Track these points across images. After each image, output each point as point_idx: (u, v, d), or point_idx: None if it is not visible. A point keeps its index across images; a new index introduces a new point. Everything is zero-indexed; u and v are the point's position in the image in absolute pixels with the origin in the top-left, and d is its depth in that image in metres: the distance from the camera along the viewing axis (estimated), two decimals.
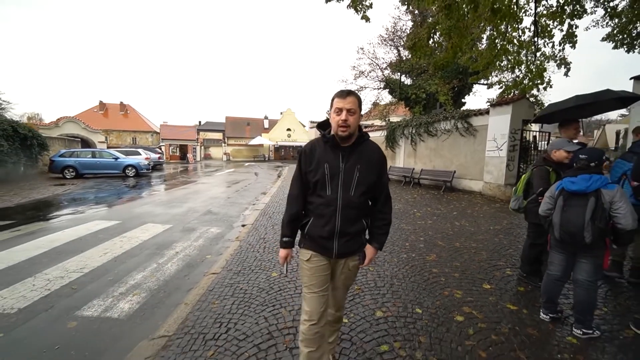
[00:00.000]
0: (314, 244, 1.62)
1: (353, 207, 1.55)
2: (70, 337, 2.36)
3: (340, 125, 1.47)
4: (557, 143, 2.91)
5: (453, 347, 2.12)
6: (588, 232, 2.00)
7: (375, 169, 1.58)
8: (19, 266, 3.61)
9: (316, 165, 1.56)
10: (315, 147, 1.61)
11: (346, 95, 1.49)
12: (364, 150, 1.58)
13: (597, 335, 2.20)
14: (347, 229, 1.56)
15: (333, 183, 1.54)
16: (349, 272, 1.68)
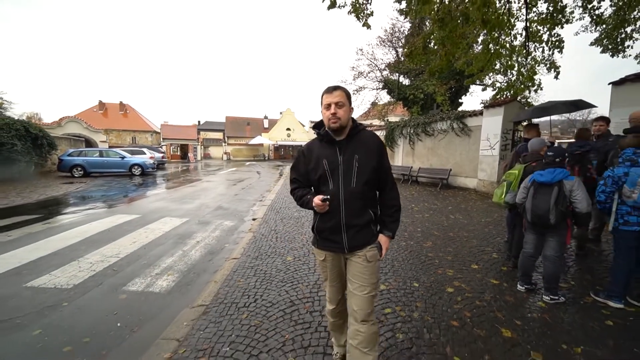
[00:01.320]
0: (325, 241, 1.65)
1: (357, 197, 1.55)
2: (124, 305, 2.82)
3: (331, 119, 1.52)
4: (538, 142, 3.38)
5: (444, 310, 2.59)
6: (552, 215, 2.48)
7: (373, 155, 1.58)
8: (61, 252, 4.05)
9: (315, 162, 1.61)
10: (313, 147, 1.66)
11: (333, 90, 1.54)
12: (360, 139, 1.60)
13: (562, 300, 2.68)
14: (353, 220, 1.56)
15: (334, 176, 1.56)
16: (367, 266, 1.60)
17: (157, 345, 2.21)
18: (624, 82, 5.60)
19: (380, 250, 1.63)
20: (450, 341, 2.17)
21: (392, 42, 21.30)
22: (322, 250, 1.68)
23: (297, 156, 1.76)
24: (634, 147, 2.49)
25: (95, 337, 2.33)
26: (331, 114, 1.51)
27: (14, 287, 3.06)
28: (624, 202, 2.46)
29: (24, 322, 2.49)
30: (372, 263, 1.60)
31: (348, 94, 1.59)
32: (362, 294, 1.58)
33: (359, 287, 1.59)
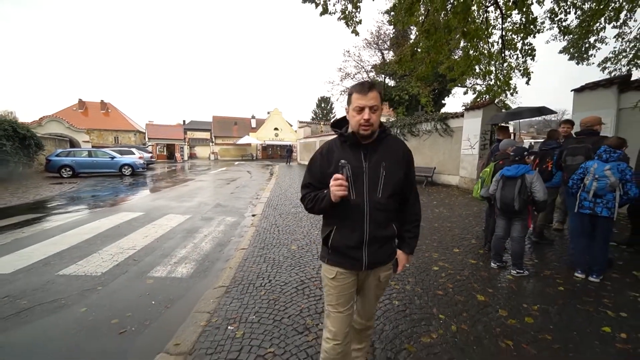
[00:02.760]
0: (341, 257, 1.45)
1: (381, 209, 1.40)
2: (152, 288, 3.18)
3: (363, 125, 1.34)
4: (506, 143, 3.97)
5: (430, 283, 3.10)
6: (517, 202, 3.04)
7: (401, 165, 1.43)
8: (80, 246, 4.33)
9: (336, 167, 1.39)
10: (333, 148, 1.47)
11: (368, 91, 1.33)
12: (388, 146, 1.44)
13: (526, 274, 3.25)
14: (377, 234, 1.41)
15: (357, 185, 1.38)
16: (379, 283, 1.52)
17: (192, 317, 2.61)
18: (583, 90, 6.34)
19: (396, 268, 1.54)
20: (436, 305, 2.68)
21: (378, 44, 22.02)
22: (333, 266, 1.47)
23: (313, 157, 1.53)
24: (606, 146, 3.00)
25: (135, 312, 2.71)
26: (364, 119, 1.32)
27: (48, 275, 3.36)
28: (584, 189, 3.02)
29: (69, 303, 2.82)
30: (384, 282, 1.53)
31: (382, 94, 1.54)
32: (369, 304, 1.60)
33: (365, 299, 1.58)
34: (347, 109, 1.41)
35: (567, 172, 3.65)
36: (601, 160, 2.99)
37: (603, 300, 2.72)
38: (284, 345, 2.15)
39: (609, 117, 5.84)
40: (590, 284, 3.04)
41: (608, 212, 2.93)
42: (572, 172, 3.44)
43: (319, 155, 1.50)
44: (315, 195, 1.43)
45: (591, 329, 2.31)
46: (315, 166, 1.50)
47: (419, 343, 2.15)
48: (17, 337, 2.31)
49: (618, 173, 2.87)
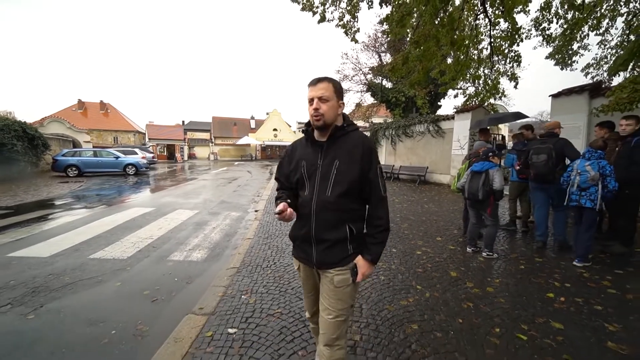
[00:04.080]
0: (297, 250, 1.53)
1: (330, 209, 1.35)
2: (173, 269, 3.68)
3: (313, 115, 1.33)
4: (478, 144, 4.50)
5: (413, 263, 3.63)
6: (480, 192, 3.59)
7: (357, 162, 1.35)
8: (103, 235, 4.83)
9: (295, 164, 1.45)
10: (297, 146, 1.51)
11: (317, 82, 1.34)
12: (346, 142, 1.39)
13: (495, 256, 3.78)
14: (323, 234, 1.37)
15: (310, 182, 1.39)
16: (335, 290, 1.40)
17: (210, 289, 3.11)
18: (560, 95, 6.90)
19: (355, 275, 1.40)
20: (415, 279, 3.20)
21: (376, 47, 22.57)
22: (296, 259, 1.57)
23: (284, 153, 1.60)
24: (589, 147, 3.49)
25: (162, 286, 3.21)
26: (313, 109, 1.32)
27: (81, 259, 3.85)
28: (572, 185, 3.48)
29: (105, 279, 3.32)
30: (341, 288, 1.40)
31: (337, 86, 1.38)
32: (327, 317, 1.43)
33: (324, 310, 1.44)
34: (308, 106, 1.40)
35: (533, 169, 4.13)
36: (584, 159, 3.46)
37: (554, 275, 3.26)
38: (289, 308, 2.66)
39: (582, 120, 6.40)
40: (547, 264, 3.58)
41: (591, 204, 3.35)
42: (537, 169, 4.00)
43: (286, 153, 1.57)
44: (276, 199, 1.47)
45: (538, 295, 2.84)
46: (283, 164, 1.56)
47: (398, 304, 2.67)
48: (70, 303, 2.81)
49: (598, 168, 3.31)
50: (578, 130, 6.51)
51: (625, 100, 3.80)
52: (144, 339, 2.33)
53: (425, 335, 2.22)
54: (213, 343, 2.18)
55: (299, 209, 1.45)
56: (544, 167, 3.91)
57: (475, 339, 2.17)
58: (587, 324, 2.36)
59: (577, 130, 6.51)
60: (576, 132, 6.56)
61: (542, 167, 3.93)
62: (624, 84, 4.03)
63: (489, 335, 2.21)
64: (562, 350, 2.05)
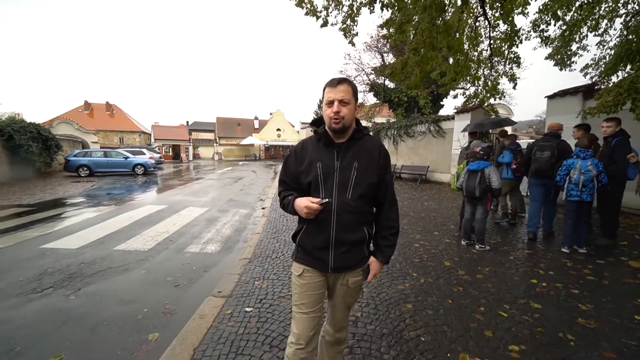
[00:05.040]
0: (308, 256, 1.44)
1: (350, 211, 1.36)
2: (190, 260, 4.02)
3: (333, 118, 1.32)
4: (474, 144, 4.81)
5: (410, 254, 3.94)
6: (477, 190, 3.88)
7: (375, 167, 1.39)
8: (123, 230, 5.20)
9: (308, 164, 1.40)
10: (307, 146, 1.46)
11: (337, 84, 1.33)
12: (363, 146, 1.41)
13: (487, 248, 4.08)
14: (344, 237, 1.37)
15: (327, 184, 1.37)
16: (348, 290, 1.45)
17: (226, 276, 3.44)
18: (555, 96, 7.15)
19: (367, 275, 1.45)
20: (412, 268, 3.51)
21: (378, 47, 22.83)
22: (301, 264, 1.46)
23: (288, 154, 1.54)
24: (580, 147, 3.87)
25: (183, 274, 3.55)
26: (334, 112, 1.31)
27: (107, 250, 4.22)
28: (570, 182, 3.84)
29: (131, 267, 3.68)
30: (354, 288, 1.46)
31: (355, 88, 1.38)
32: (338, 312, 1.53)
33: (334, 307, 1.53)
34: (323, 106, 1.40)
35: (536, 164, 4.45)
36: (580, 158, 3.81)
37: (540, 264, 3.55)
38: None
39: (575, 121, 6.64)
40: (535, 255, 3.88)
41: (590, 198, 3.77)
42: (538, 163, 4.36)
43: (294, 153, 1.50)
44: (285, 198, 1.45)
45: (522, 281, 3.14)
46: (289, 164, 1.50)
47: (395, 288, 2.99)
48: (103, 287, 3.17)
49: (595, 166, 3.69)
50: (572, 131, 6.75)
51: (611, 103, 4.07)
52: (172, 316, 2.67)
53: (418, 313, 2.54)
54: (233, 319, 2.51)
55: None
56: (546, 162, 4.29)
57: (462, 316, 2.49)
58: (563, 305, 2.66)
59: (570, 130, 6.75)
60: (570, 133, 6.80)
61: (544, 163, 4.30)
62: (610, 88, 4.30)
63: (474, 313, 2.53)
64: (536, 324, 2.35)
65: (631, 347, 2.08)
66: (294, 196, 1.41)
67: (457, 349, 2.07)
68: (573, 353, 2.02)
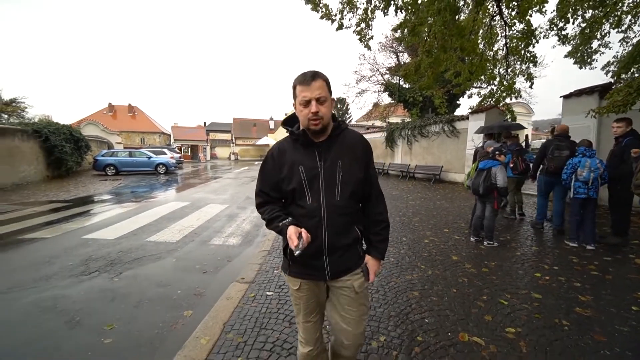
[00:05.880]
0: (302, 268, 1.35)
1: (341, 214, 1.30)
2: (215, 251, 4.38)
3: (311, 120, 1.22)
4: (489, 143, 4.96)
5: (419, 249, 4.15)
6: (480, 187, 4.06)
7: (360, 162, 1.33)
8: (153, 224, 5.65)
9: (289, 170, 1.30)
10: (285, 149, 1.35)
11: (311, 80, 1.21)
12: (344, 142, 1.33)
13: (495, 245, 4.23)
14: (337, 241, 1.31)
15: (313, 188, 1.28)
16: (357, 296, 1.37)
17: (248, 266, 3.77)
18: (570, 96, 7.12)
19: (368, 275, 1.38)
20: (420, 261, 3.73)
21: (393, 47, 22.81)
22: (296, 278, 1.38)
23: (264, 160, 1.41)
24: (584, 147, 4.09)
25: (209, 263, 3.90)
26: (312, 113, 1.21)
27: (140, 241, 4.65)
28: (577, 180, 4.04)
29: (163, 256, 4.07)
30: (362, 292, 1.38)
31: (328, 82, 1.27)
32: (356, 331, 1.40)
33: (351, 321, 1.38)
34: (294, 104, 1.29)
35: (554, 162, 4.62)
36: (587, 157, 4.02)
37: (545, 260, 3.69)
38: None
39: (592, 120, 6.60)
40: (542, 251, 4.00)
41: (596, 195, 3.99)
42: (557, 162, 4.55)
43: (270, 158, 1.38)
44: (273, 218, 1.31)
45: (526, 274, 3.30)
46: (267, 170, 1.38)
47: (403, 278, 3.22)
48: (141, 272, 3.56)
49: (602, 164, 3.95)
50: (588, 130, 6.72)
51: (620, 103, 4.13)
52: (202, 297, 3.01)
53: (423, 299, 2.77)
54: (256, 301, 2.82)
55: (299, 221, 1.28)
56: (565, 161, 4.44)
57: (464, 302, 2.70)
58: (563, 295, 2.82)
59: (587, 130, 6.72)
60: (586, 132, 6.77)
61: (563, 161, 4.44)
62: (620, 88, 4.35)
63: (477, 300, 2.73)
64: (535, 311, 2.54)
65: (622, 332, 2.24)
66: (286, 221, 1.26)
67: (457, 329, 2.29)
68: (566, 336, 2.20)
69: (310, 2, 7.05)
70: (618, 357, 1.98)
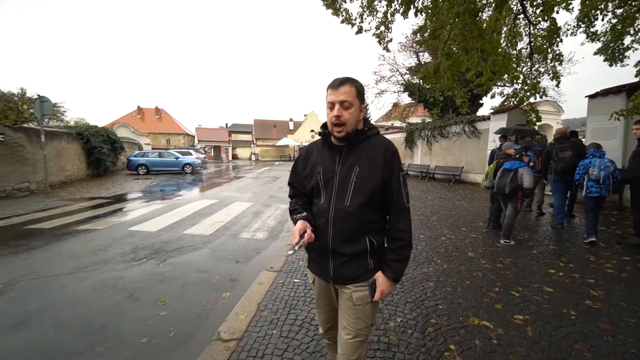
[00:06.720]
0: (313, 264, 1.43)
1: (349, 220, 1.25)
2: (244, 244, 4.78)
3: (334, 124, 1.23)
4: (508, 144, 5.07)
5: (436, 246, 4.35)
6: (507, 187, 4.21)
7: (378, 170, 1.25)
8: (187, 219, 6.17)
9: (311, 169, 1.35)
10: (313, 149, 1.41)
11: (339, 85, 1.22)
12: (367, 147, 1.28)
13: (513, 243, 4.35)
14: (341, 247, 1.27)
15: (327, 189, 1.29)
16: (354, 308, 1.30)
17: (275, 257, 4.12)
18: (596, 96, 6.99)
19: (374, 292, 1.28)
20: (437, 256, 3.94)
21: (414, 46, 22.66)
22: (311, 272, 1.47)
23: (297, 157, 1.49)
24: (593, 149, 4.31)
25: (240, 253, 4.30)
26: (334, 116, 1.22)
27: (178, 233, 5.14)
28: (589, 179, 4.22)
29: (199, 247, 4.52)
30: (360, 307, 1.30)
31: (359, 89, 1.27)
32: (345, 337, 1.33)
33: (343, 328, 1.34)
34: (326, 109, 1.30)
35: (560, 163, 4.95)
36: (597, 157, 4.23)
37: (562, 258, 3.79)
38: None
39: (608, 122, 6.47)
40: (559, 250, 4.09)
41: (607, 193, 4.19)
42: (563, 163, 4.87)
43: (300, 157, 1.46)
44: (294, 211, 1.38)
45: (540, 270, 3.44)
46: (297, 167, 1.46)
47: (420, 271, 3.45)
48: (182, 260, 4.01)
49: (612, 163, 4.14)
50: (615, 130, 6.59)
51: None
52: (237, 282, 3.39)
53: (438, 289, 3.00)
54: (285, 286, 3.16)
55: (314, 218, 1.33)
56: (569, 160, 4.82)
57: (477, 293, 2.90)
58: (575, 290, 2.96)
59: (613, 130, 6.60)
60: (613, 132, 6.65)
61: (568, 161, 4.82)
62: None
63: (489, 292, 2.93)
64: (544, 302, 2.71)
65: (629, 322, 2.38)
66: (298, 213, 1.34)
67: (468, 315, 2.52)
68: (571, 324, 2.37)
69: (331, 7, 7.34)
70: (620, 342, 2.14)
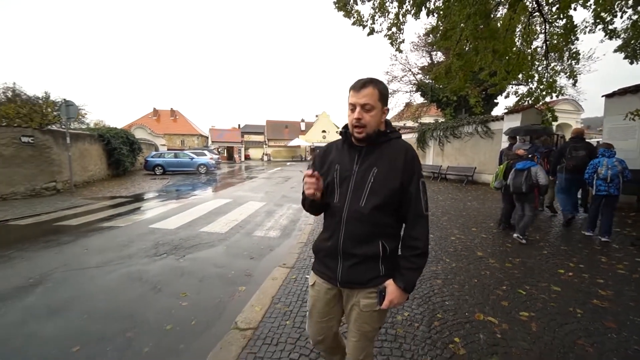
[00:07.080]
0: (319, 265, 1.39)
1: (363, 221, 1.23)
2: (258, 241, 4.96)
3: (355, 126, 1.23)
4: (518, 146, 5.08)
5: (446, 245, 4.41)
6: (524, 186, 4.27)
7: (398, 173, 1.23)
8: (203, 217, 6.42)
9: (328, 166, 1.35)
10: (332, 148, 1.42)
11: (361, 87, 1.21)
12: (388, 149, 1.28)
13: (524, 242, 4.38)
14: (351, 248, 1.25)
15: (342, 188, 1.28)
16: (361, 314, 1.29)
17: (288, 254, 4.28)
18: (613, 95, 6.85)
19: (382, 299, 1.25)
20: (446, 255, 4.01)
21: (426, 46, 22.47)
22: (314, 274, 1.42)
23: (314, 154, 1.50)
24: (603, 148, 4.38)
25: (254, 251, 4.48)
26: (355, 119, 1.22)
27: (195, 231, 5.38)
28: (598, 178, 4.28)
29: (215, 244, 4.73)
30: (368, 313, 1.29)
31: (383, 91, 1.25)
32: (352, 339, 1.35)
33: (350, 332, 1.36)
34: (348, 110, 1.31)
35: (572, 161, 5.11)
36: (606, 157, 4.32)
37: (572, 259, 3.79)
38: None
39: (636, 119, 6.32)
40: (570, 251, 4.09)
41: (617, 191, 4.23)
42: (575, 161, 5.02)
43: (319, 154, 1.46)
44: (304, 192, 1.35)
45: (549, 270, 3.47)
46: (315, 163, 1.46)
47: (428, 269, 3.54)
48: (199, 255, 4.22)
49: (620, 163, 4.19)
50: (632, 130, 6.45)
51: None
52: (252, 277, 3.56)
53: (445, 286, 3.09)
54: (297, 282, 3.31)
55: (326, 217, 1.37)
56: (582, 159, 4.93)
57: (484, 291, 2.98)
58: (583, 289, 2.99)
59: (631, 130, 6.46)
60: (631, 132, 6.51)
61: (581, 160, 4.94)
62: None
63: (496, 289, 2.99)
64: (551, 300, 2.76)
65: (635, 321, 2.41)
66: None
67: (474, 311, 2.60)
68: (577, 321, 2.43)
69: (343, 9, 7.45)
70: (624, 339, 2.18)
